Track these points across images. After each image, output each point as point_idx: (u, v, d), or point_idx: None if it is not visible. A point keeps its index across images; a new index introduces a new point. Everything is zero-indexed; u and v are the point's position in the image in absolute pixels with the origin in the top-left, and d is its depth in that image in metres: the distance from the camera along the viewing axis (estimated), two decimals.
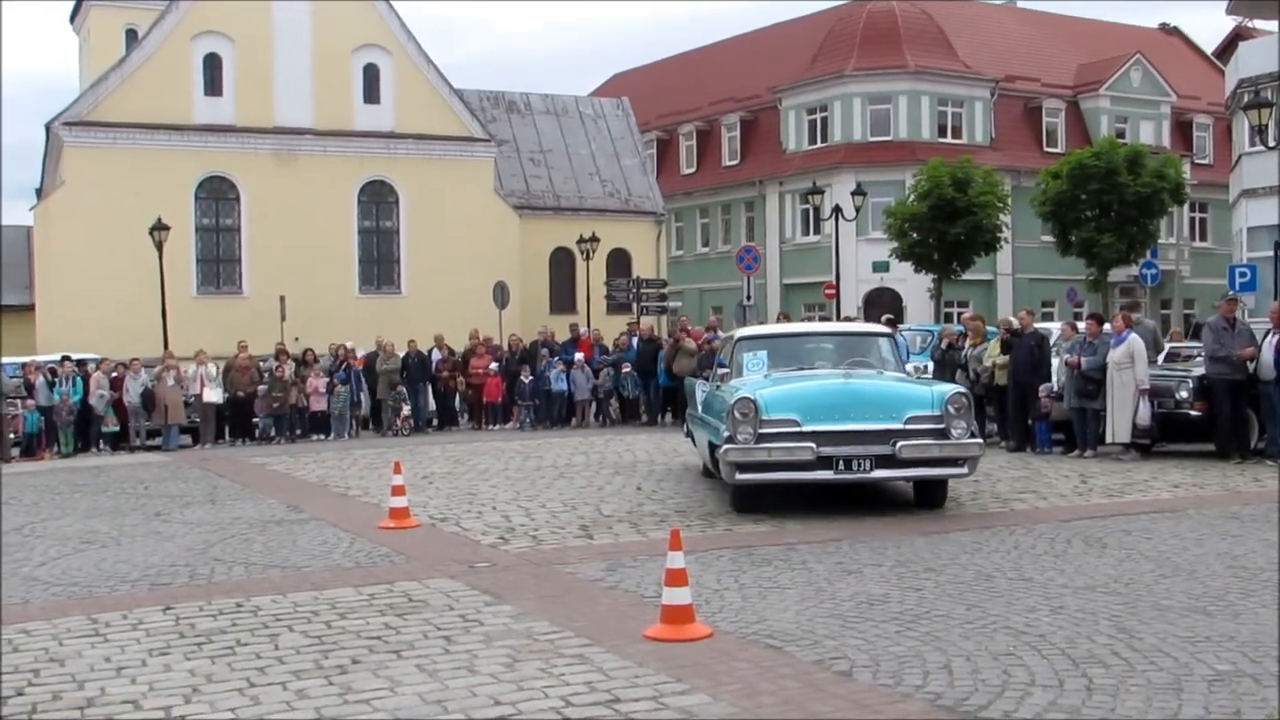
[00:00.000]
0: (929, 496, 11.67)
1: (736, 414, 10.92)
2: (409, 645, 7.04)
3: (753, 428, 10.88)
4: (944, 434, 10.85)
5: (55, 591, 9.20)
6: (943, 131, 47.97)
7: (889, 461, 10.80)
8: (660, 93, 57.18)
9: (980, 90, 49.17)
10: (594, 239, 38.05)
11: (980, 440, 11.31)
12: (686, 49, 63.07)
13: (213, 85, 38.31)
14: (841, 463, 10.78)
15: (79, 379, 23.41)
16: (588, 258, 37.96)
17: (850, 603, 7.77)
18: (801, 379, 12.11)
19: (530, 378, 24.89)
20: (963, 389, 11.39)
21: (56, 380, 23.32)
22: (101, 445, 23.39)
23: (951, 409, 10.92)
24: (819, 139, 49.29)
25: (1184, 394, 15.42)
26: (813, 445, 10.71)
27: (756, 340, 13.54)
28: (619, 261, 44.15)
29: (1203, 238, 53.02)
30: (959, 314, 34.85)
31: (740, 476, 11.07)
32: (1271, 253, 28.12)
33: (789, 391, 11.46)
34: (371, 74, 39.98)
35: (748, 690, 5.91)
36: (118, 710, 5.99)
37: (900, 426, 10.81)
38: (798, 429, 10.88)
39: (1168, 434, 15.76)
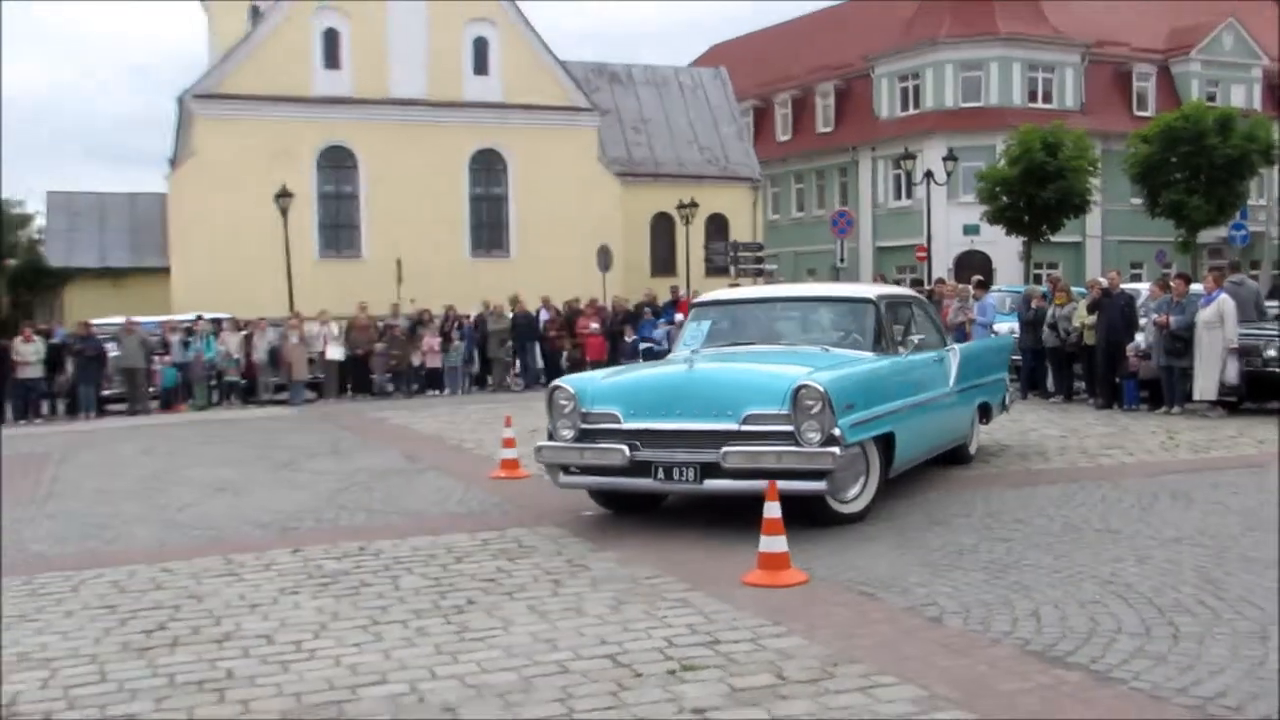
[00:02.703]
0: (804, 509, 8.22)
1: (555, 403, 8.87)
2: (520, 588, 7.13)
3: (573, 422, 8.75)
4: (792, 437, 8.05)
5: (194, 534, 9.46)
6: (1033, 97, 46.92)
7: (717, 471, 8.17)
8: (757, 63, 56.65)
9: (1071, 56, 47.99)
10: (693, 204, 37.94)
11: (836, 450, 7.95)
12: (782, 20, 62.42)
13: (331, 59, 38.67)
14: (661, 470, 8.34)
15: (211, 337, 23.94)
16: (687, 222, 37.86)
17: (940, 552, 7.71)
18: (650, 368, 10.11)
19: (633, 337, 24.95)
20: (817, 382, 8.01)
21: (191, 338, 23.87)
22: (232, 399, 23.92)
23: (801, 405, 8.02)
24: (911, 106, 48.55)
25: (1272, 352, 15.02)
26: (625, 448, 8.38)
27: (706, 307, 10.82)
28: (717, 226, 43.99)
29: None
30: (1047, 275, 34.22)
31: (565, 479, 8.95)
32: None
33: (618, 380, 9.21)
34: (481, 47, 40.08)
35: (842, 633, 5.91)
36: (252, 644, 6.15)
37: (734, 427, 8.18)
38: (617, 426, 8.60)
39: (1254, 392, 15.37)
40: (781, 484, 7.79)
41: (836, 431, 8.02)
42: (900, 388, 9.43)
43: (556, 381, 9.27)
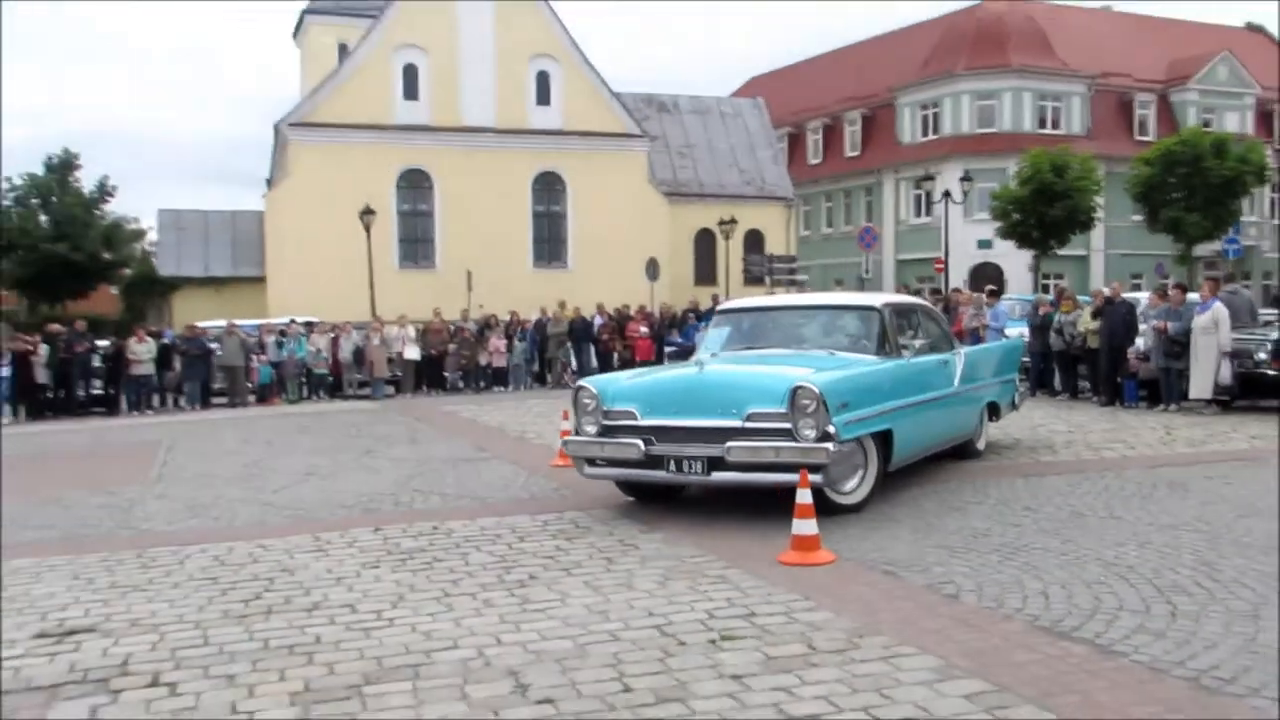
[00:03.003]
0: (818, 501, 7.44)
1: (580, 402, 8.82)
2: (577, 564, 7.14)
3: (596, 419, 8.67)
4: (790, 434, 7.89)
5: (286, 514, 9.53)
6: (1043, 124, 46.42)
7: (722, 464, 8.02)
8: (791, 93, 56.46)
9: (1077, 86, 47.43)
10: (732, 221, 37.83)
11: (830, 446, 7.74)
12: (814, 54, 62.16)
13: (410, 90, 38.93)
14: (673, 463, 8.22)
15: (303, 338, 24.17)
16: (727, 238, 37.77)
17: (957, 535, 7.65)
18: (666, 370, 9.97)
19: (678, 340, 24.91)
20: (812, 383, 7.82)
21: (285, 339, 24.09)
22: (321, 394, 24.12)
23: (798, 405, 7.85)
24: (931, 132, 48.18)
25: (1263, 355, 14.83)
26: (640, 442, 8.26)
27: (726, 315, 10.58)
28: (754, 240, 43.83)
29: None
30: (1054, 285, 33.84)
31: (590, 471, 8.85)
32: None
33: (636, 381, 9.07)
34: (543, 80, 40.20)
35: (867, 609, 5.88)
36: (338, 612, 6.19)
37: (738, 424, 8.02)
38: (634, 423, 8.50)
39: (1247, 391, 15.15)
40: (775, 477, 7.82)
41: (830, 429, 7.84)
42: (900, 388, 9.13)
43: (581, 382, 9.16)
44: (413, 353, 24.36)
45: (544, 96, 40.25)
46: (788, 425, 7.90)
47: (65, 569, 7.56)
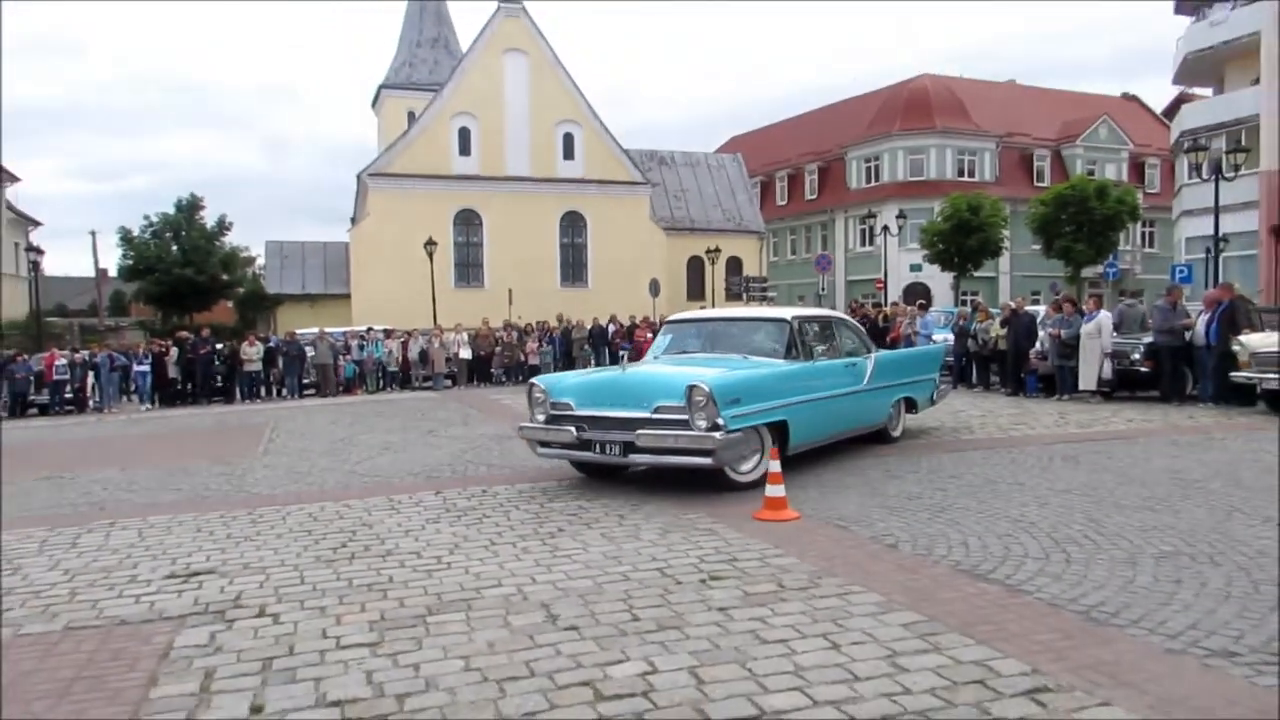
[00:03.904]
0: (711, 479, 7.93)
1: (533, 395, 8.58)
2: (595, 520, 7.09)
3: (544, 410, 8.43)
4: (687, 424, 7.61)
5: (366, 480, 9.50)
6: (961, 173, 46.32)
7: (634, 447, 7.79)
8: (762, 149, 56.37)
9: (988, 144, 47.31)
10: (717, 250, 37.85)
11: (717, 435, 7.48)
12: (781, 119, 62.07)
13: (464, 148, 38.96)
14: (599, 445, 7.99)
15: (380, 341, 24.14)
16: (712, 263, 37.77)
17: (896, 497, 7.60)
18: (598, 371, 9.74)
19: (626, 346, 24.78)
20: (704, 382, 7.58)
21: (365, 343, 24.07)
22: (393, 386, 24.09)
23: (693, 400, 7.58)
24: (873, 180, 48.07)
25: (1137, 355, 14.73)
26: (574, 429, 8.08)
27: (671, 325, 10.19)
28: (734, 265, 43.82)
29: (1151, 245, 50.32)
30: (971, 300, 33.71)
31: (542, 450, 8.53)
32: (1203, 256, 26.63)
33: (576, 380, 8.75)
34: (568, 139, 40.21)
35: (824, 556, 5.83)
36: (407, 558, 6.16)
37: (646, 415, 7.80)
38: (571, 412, 8.27)
39: (1124, 384, 15.06)
40: (678, 459, 7.67)
41: (720, 420, 7.53)
42: (798, 386, 8.56)
43: (533, 380, 8.83)
44: (466, 353, 24.35)
45: (569, 152, 40.25)
46: (685, 417, 7.63)
47: (191, 523, 7.54)
